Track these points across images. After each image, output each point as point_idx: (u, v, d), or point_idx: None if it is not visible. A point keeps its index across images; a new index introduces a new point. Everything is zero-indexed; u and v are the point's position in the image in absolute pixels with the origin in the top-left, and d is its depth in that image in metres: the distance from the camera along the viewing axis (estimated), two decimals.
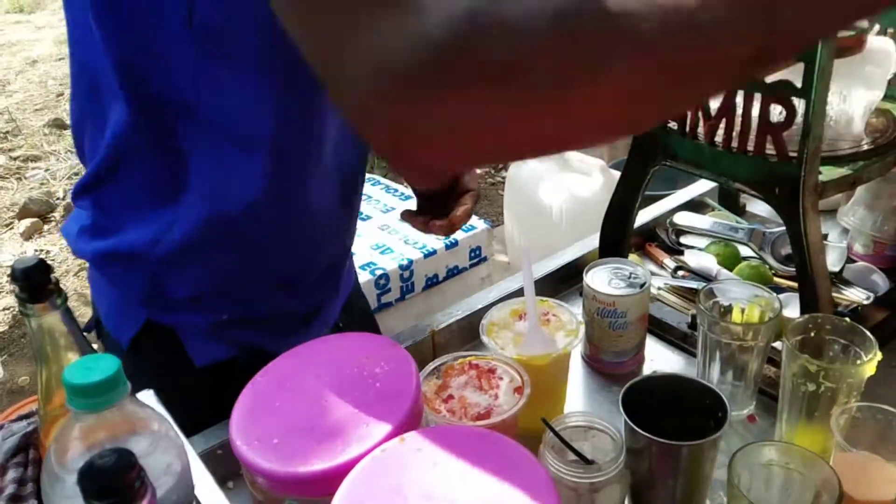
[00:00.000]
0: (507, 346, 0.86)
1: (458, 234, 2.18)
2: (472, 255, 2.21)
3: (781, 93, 0.80)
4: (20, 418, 0.73)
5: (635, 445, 0.74)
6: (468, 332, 1.04)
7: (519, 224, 2.54)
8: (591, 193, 2.27)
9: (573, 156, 2.43)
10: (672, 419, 0.76)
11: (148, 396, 0.72)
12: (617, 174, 2.32)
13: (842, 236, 1.17)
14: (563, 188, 2.34)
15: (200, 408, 0.82)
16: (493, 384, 0.80)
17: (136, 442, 0.54)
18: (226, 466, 0.82)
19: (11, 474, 0.67)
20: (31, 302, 0.59)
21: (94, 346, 1.82)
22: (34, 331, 0.61)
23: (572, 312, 0.91)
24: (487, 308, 0.94)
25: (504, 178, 3.99)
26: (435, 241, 2.15)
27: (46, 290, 0.59)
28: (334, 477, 0.57)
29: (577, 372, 1.00)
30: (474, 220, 2.27)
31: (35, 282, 0.58)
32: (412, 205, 1.06)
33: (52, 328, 0.61)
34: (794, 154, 0.82)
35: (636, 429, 0.72)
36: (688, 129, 0.92)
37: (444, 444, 0.58)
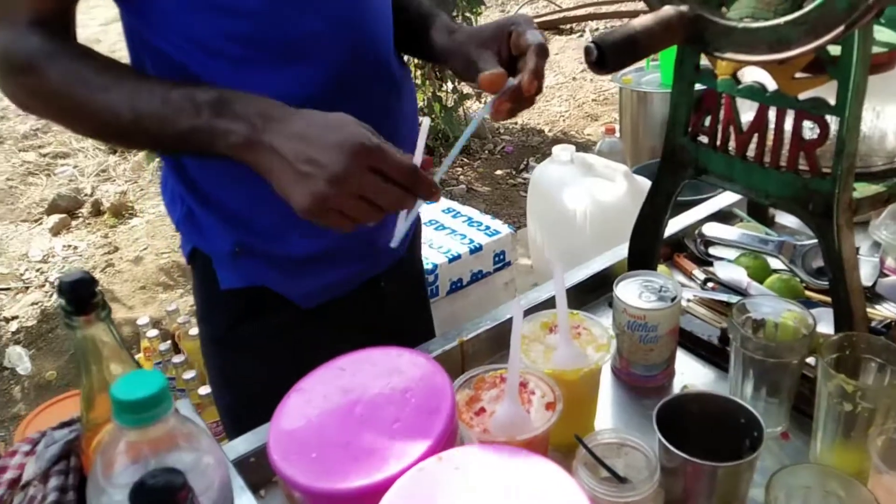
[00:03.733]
0: (539, 360, 0.86)
1: (483, 239, 2.19)
2: (497, 259, 2.21)
3: (815, 110, 0.80)
4: (62, 425, 0.75)
5: (670, 464, 0.74)
6: (497, 343, 1.04)
7: (542, 228, 2.54)
8: (614, 199, 2.26)
9: (597, 161, 2.43)
10: (705, 437, 0.76)
11: (184, 405, 0.73)
12: (640, 179, 2.34)
13: (873, 250, 1.16)
14: (586, 193, 2.33)
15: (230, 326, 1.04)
16: (524, 398, 0.80)
17: (179, 456, 0.55)
18: (258, 474, 0.84)
19: (53, 482, 0.69)
20: (76, 314, 0.61)
21: (175, 358, 1.81)
22: (78, 342, 0.63)
23: (603, 326, 0.91)
24: (509, 321, 0.94)
25: (526, 179, 4.01)
26: (460, 246, 2.15)
27: (91, 304, 0.61)
28: (372, 494, 0.58)
29: (606, 384, 1.00)
30: (498, 225, 2.27)
31: (81, 295, 0.61)
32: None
33: (95, 339, 0.63)
34: (828, 170, 0.81)
35: (671, 448, 0.72)
36: (719, 142, 0.91)
37: (482, 464, 0.59)
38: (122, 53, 0.93)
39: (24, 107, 0.88)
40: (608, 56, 0.74)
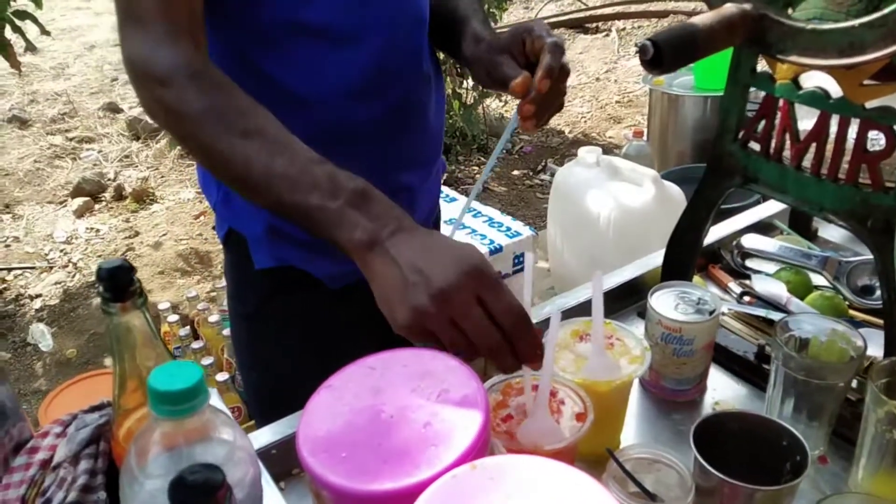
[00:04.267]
0: (569, 369, 0.83)
1: (503, 240, 2.15)
2: (516, 261, 2.18)
3: (883, 119, 0.76)
4: (92, 409, 0.76)
5: (705, 484, 0.70)
6: None
7: (563, 231, 2.50)
8: (641, 204, 2.21)
9: (624, 164, 2.38)
10: (743, 457, 0.72)
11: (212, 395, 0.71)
12: (669, 185, 2.29)
13: None
14: (611, 197, 2.29)
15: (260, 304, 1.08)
16: (553, 408, 0.77)
17: (213, 449, 0.55)
18: (280, 466, 0.84)
19: (83, 465, 0.70)
20: (113, 301, 0.63)
21: (195, 344, 1.84)
22: (113, 327, 0.65)
23: (637, 337, 0.87)
24: (542, 324, 0.90)
25: (543, 180, 3.96)
26: (480, 246, 2.12)
27: (129, 291, 0.62)
28: (403, 498, 0.56)
29: (634, 396, 0.96)
30: (519, 227, 2.23)
31: (119, 282, 0.62)
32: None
33: (131, 327, 0.64)
34: (892, 184, 0.77)
35: (708, 468, 0.69)
36: (772, 150, 0.87)
37: (518, 475, 0.56)
38: None
39: (155, 118, 0.85)
40: (665, 55, 0.70)
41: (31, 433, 0.78)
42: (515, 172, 4.10)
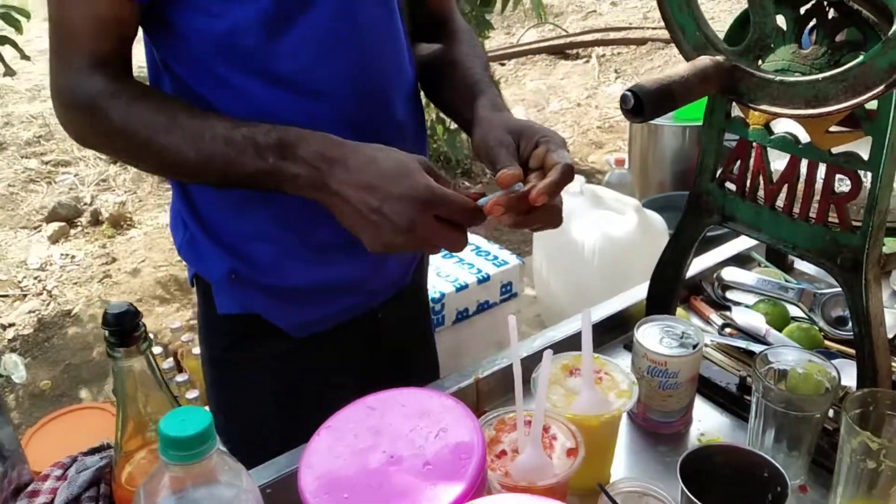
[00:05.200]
0: (560, 404, 0.86)
1: (491, 269, 2.18)
2: (504, 290, 2.21)
3: (848, 164, 0.80)
4: (92, 451, 0.77)
5: None
6: (513, 381, 1.04)
7: (549, 259, 2.54)
8: (624, 232, 2.26)
9: (607, 193, 2.43)
10: (727, 489, 0.75)
11: None
12: (651, 214, 2.35)
13: (893, 300, 1.16)
14: (595, 226, 2.34)
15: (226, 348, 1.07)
16: (546, 443, 0.80)
17: (220, 492, 0.57)
18: None
19: None
20: (119, 346, 0.64)
21: (179, 377, 1.82)
22: (118, 371, 0.66)
23: (625, 372, 0.90)
24: (532, 357, 0.93)
25: None
26: (467, 276, 2.15)
27: (133, 336, 0.64)
28: None
29: (623, 429, 0.99)
30: (506, 255, 2.26)
31: (125, 327, 0.64)
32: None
33: (135, 371, 0.66)
34: (858, 224, 0.81)
35: (695, 501, 0.72)
36: (747, 191, 0.92)
37: None
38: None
39: (85, 143, 0.92)
40: (645, 105, 0.74)
41: (32, 476, 0.80)
42: None
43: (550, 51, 6.16)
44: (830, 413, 0.88)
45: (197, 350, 2.19)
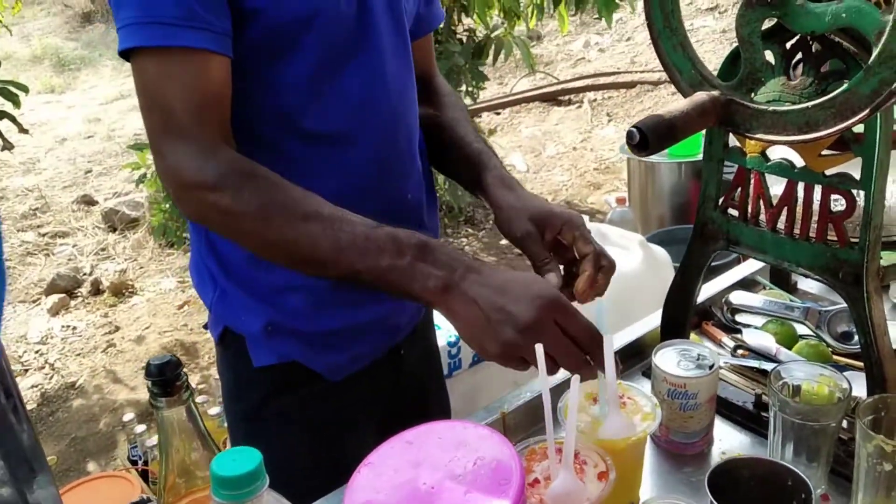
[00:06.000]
0: (587, 430, 0.89)
1: None
2: None
3: (841, 184, 0.85)
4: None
5: None
6: (538, 414, 1.07)
7: None
8: (631, 268, 2.30)
9: (612, 230, 2.48)
10: (753, 500, 0.78)
11: None
12: (655, 248, 2.39)
13: (893, 313, 1.20)
14: None
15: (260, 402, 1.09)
16: (577, 469, 0.82)
17: None
18: None
19: None
20: (162, 396, 0.67)
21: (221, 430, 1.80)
22: (161, 421, 0.68)
23: (647, 395, 0.94)
24: (556, 389, 0.96)
25: None
26: None
27: (176, 385, 0.67)
28: None
29: (647, 452, 1.02)
30: None
31: (168, 378, 0.66)
32: None
33: (177, 420, 0.68)
34: (856, 240, 0.86)
35: None
36: (749, 216, 0.97)
37: None
38: (122, 132, 0.99)
39: (205, 221, 0.93)
40: (650, 139, 0.80)
41: None
42: (503, 242, 4.20)
43: (543, 98, 6.30)
44: (844, 423, 0.91)
45: (213, 411, 2.20)
